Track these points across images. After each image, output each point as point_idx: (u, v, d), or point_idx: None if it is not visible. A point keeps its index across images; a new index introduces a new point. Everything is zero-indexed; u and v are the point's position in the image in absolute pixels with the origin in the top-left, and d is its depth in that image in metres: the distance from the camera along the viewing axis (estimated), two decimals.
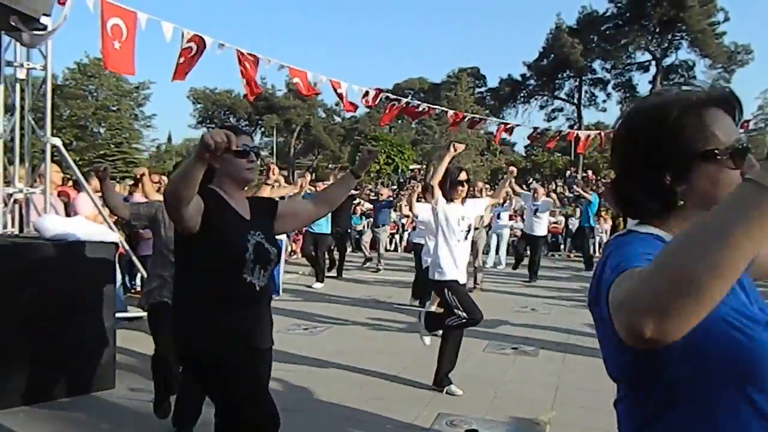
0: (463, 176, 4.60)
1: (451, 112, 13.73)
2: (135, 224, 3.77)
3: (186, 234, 2.12)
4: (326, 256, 10.41)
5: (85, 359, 4.35)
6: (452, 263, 4.56)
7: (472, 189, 6.27)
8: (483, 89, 50.60)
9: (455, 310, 4.43)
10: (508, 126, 15.04)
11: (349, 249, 13.33)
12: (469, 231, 4.69)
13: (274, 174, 6.86)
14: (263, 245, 2.26)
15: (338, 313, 7.51)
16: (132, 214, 3.62)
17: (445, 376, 4.52)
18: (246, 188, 2.48)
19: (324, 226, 9.43)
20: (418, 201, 5.97)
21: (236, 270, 2.20)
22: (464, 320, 4.44)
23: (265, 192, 6.06)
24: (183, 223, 2.08)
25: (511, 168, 5.79)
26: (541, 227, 10.91)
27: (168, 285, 3.32)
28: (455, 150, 4.65)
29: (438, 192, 4.54)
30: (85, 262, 4.43)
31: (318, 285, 9.64)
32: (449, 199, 4.59)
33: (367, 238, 13.80)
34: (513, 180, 7.82)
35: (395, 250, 16.79)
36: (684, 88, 1.13)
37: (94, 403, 4.20)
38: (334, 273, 10.95)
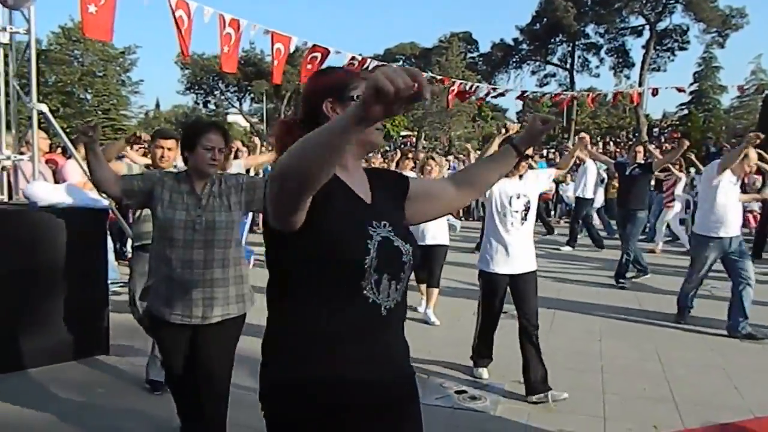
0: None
1: (443, 83, 13.61)
2: (128, 203, 2.84)
3: (287, 231, 1.35)
4: None
5: (79, 325, 4.38)
6: (504, 252, 3.93)
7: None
8: (475, 54, 50.04)
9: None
10: (498, 90, 14.95)
11: None
12: (528, 211, 3.94)
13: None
14: (392, 243, 1.44)
15: None
16: (124, 190, 2.74)
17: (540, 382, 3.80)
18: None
19: None
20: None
21: (351, 284, 1.39)
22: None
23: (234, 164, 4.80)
24: (295, 216, 1.32)
25: (582, 134, 5.06)
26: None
27: (174, 285, 2.65)
28: (508, 131, 4.06)
29: None
30: (75, 229, 4.42)
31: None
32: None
33: None
34: (586, 147, 7.49)
35: None
36: None
37: (89, 368, 4.25)
38: None
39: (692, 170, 11.75)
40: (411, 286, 6.48)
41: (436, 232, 5.52)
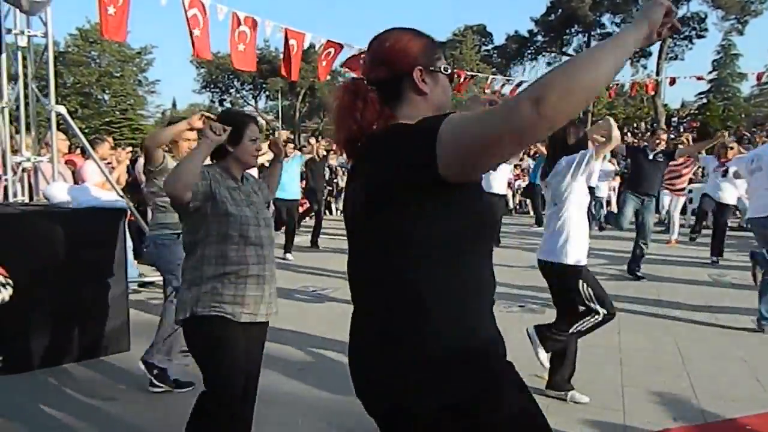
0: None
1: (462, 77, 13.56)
2: (193, 205, 2.45)
3: (462, 183, 1.25)
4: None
5: (100, 323, 4.45)
6: (586, 241, 3.68)
7: None
8: (489, 47, 49.73)
9: (591, 305, 3.58)
10: (512, 82, 14.87)
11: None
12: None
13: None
14: None
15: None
16: (193, 193, 2.43)
17: (565, 381, 3.71)
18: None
19: (291, 191, 8.85)
20: None
21: (489, 245, 1.46)
22: (600, 319, 3.61)
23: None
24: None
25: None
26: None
27: (248, 282, 2.52)
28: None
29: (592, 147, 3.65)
30: (95, 229, 4.49)
31: (290, 256, 8.90)
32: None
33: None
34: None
35: None
36: None
37: (111, 365, 4.32)
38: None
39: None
40: None
41: None
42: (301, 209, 12.31)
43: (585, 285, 3.59)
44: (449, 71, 1.46)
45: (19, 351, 4.12)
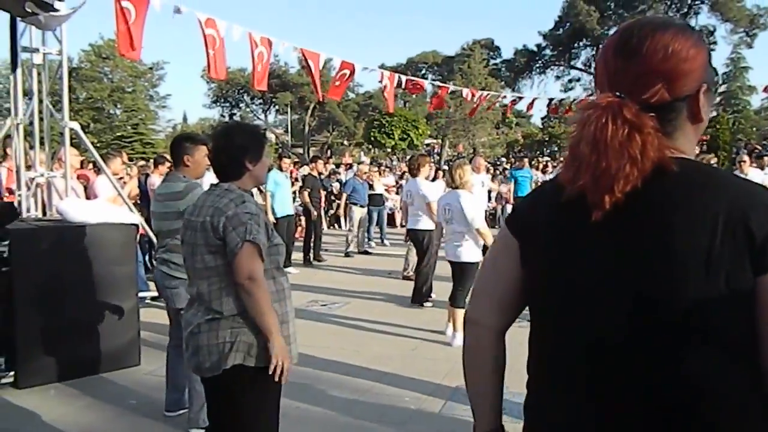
0: None
1: (465, 91, 13.62)
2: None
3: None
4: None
5: (111, 338, 4.48)
6: None
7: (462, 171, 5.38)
8: (497, 61, 49.89)
9: None
10: (522, 98, 14.91)
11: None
12: None
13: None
14: None
15: (356, 288, 7.60)
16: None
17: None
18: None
19: (285, 207, 8.73)
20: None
21: None
22: None
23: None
24: None
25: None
26: None
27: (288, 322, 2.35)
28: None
29: None
30: (107, 243, 4.54)
31: (292, 270, 8.64)
32: None
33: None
34: None
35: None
36: None
37: (122, 379, 4.35)
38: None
39: None
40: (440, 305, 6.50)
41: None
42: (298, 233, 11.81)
43: None
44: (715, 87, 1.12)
45: (29, 365, 4.16)
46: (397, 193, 14.48)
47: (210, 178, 3.61)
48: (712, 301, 0.91)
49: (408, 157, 20.69)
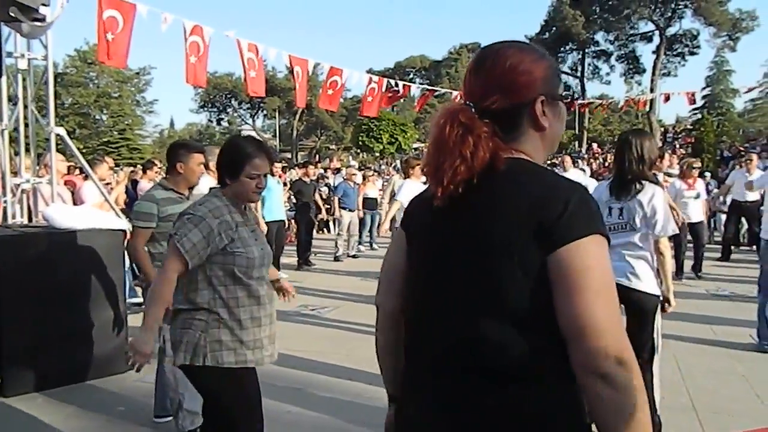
0: None
1: (455, 94, 13.69)
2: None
3: None
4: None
5: (98, 344, 4.44)
6: None
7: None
8: None
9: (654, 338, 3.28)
10: None
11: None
12: None
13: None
14: None
15: (346, 291, 7.59)
16: (195, 264, 2.33)
17: None
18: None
19: (275, 212, 8.62)
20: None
21: None
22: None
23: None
24: None
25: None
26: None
27: (251, 327, 2.41)
28: None
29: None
30: (94, 250, 4.50)
31: (282, 274, 8.72)
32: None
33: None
34: None
35: None
36: None
37: (109, 386, 4.30)
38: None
39: (707, 175, 11.67)
40: None
41: None
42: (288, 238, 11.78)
43: None
44: (569, 98, 1.28)
45: (16, 373, 4.11)
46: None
47: (207, 182, 3.65)
48: (509, 279, 1.10)
49: (398, 161, 20.71)
